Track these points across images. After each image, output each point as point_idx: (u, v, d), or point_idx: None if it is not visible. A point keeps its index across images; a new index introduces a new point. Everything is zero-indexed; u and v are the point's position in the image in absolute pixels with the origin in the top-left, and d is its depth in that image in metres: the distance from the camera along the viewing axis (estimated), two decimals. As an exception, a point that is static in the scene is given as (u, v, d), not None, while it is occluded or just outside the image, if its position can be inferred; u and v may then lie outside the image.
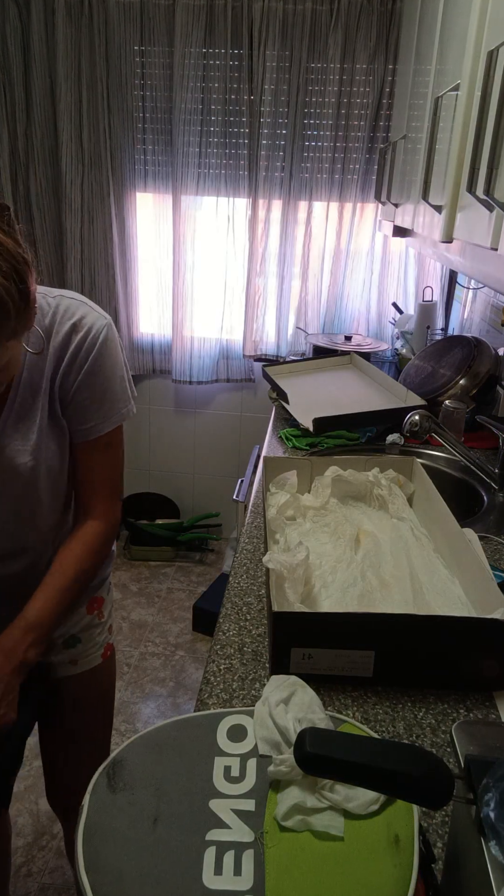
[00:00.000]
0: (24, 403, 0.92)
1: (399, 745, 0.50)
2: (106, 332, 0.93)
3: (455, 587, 1.03)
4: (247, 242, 2.77)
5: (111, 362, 0.95)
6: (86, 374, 0.93)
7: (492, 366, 1.89)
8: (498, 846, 0.45)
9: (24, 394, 0.92)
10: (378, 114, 2.54)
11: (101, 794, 0.59)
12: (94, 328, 0.92)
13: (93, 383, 0.94)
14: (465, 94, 1.14)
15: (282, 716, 0.66)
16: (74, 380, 0.93)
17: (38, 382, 0.92)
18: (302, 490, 1.33)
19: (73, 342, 0.91)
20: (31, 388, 0.92)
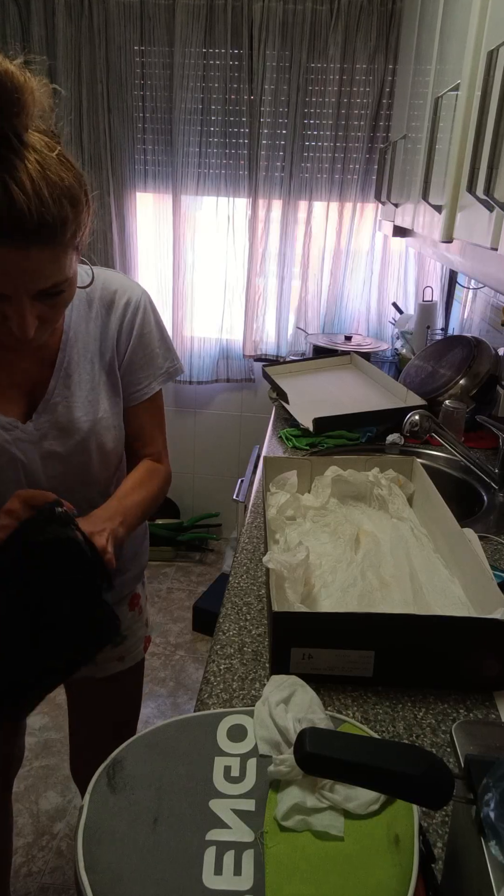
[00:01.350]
0: (73, 363, 0.95)
1: (399, 745, 0.50)
2: (147, 297, 1.02)
3: (455, 587, 1.03)
4: (247, 242, 2.77)
5: (158, 325, 1.04)
6: (137, 336, 1.00)
7: (492, 366, 1.89)
8: (498, 846, 0.45)
9: (73, 354, 0.95)
10: (378, 114, 2.54)
11: (101, 794, 0.59)
12: (136, 294, 1.00)
13: (145, 345, 1.01)
14: (465, 94, 1.14)
15: (282, 716, 0.66)
16: (127, 342, 0.99)
17: (88, 343, 0.96)
18: (302, 490, 1.33)
19: (120, 306, 0.98)
20: (80, 348, 0.96)
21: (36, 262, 0.74)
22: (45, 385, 0.93)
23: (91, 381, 0.96)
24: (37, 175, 0.70)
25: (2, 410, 0.90)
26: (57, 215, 0.72)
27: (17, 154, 0.70)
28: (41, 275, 0.75)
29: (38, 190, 0.70)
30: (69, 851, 1.74)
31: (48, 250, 0.74)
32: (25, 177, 0.69)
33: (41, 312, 0.80)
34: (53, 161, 0.73)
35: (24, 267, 0.73)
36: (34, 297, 0.78)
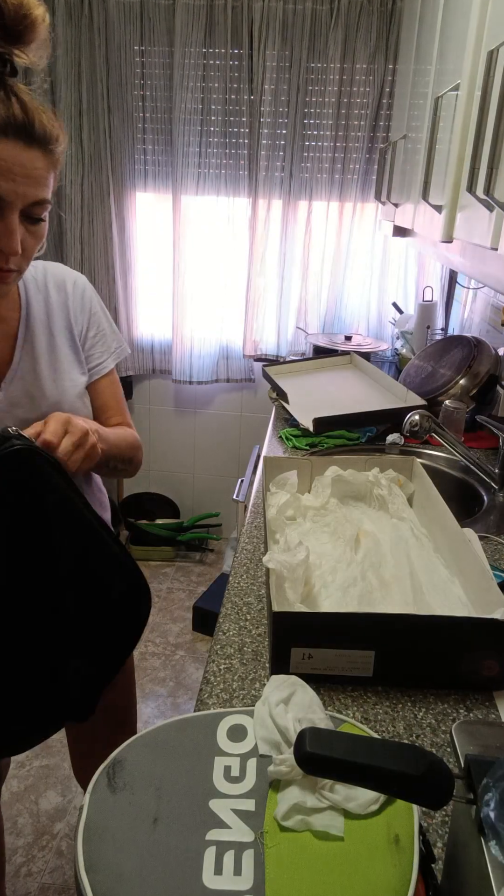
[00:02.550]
0: (35, 336, 1.01)
1: (399, 745, 0.50)
2: (89, 282, 1.11)
3: (455, 587, 1.03)
4: (247, 242, 2.77)
5: (102, 307, 1.12)
6: (89, 314, 1.08)
7: (492, 366, 1.89)
8: (498, 846, 0.45)
9: (34, 327, 1.01)
10: (378, 114, 2.54)
11: (101, 794, 0.59)
12: (81, 278, 1.09)
13: (96, 322, 1.09)
14: (465, 94, 1.14)
15: (282, 716, 0.66)
16: (83, 320, 1.07)
17: (46, 319, 1.03)
18: (302, 490, 1.33)
19: (69, 288, 1.06)
20: (39, 323, 1.02)
21: (34, 163, 0.83)
22: (7, 360, 0.98)
23: (53, 353, 1.02)
24: (35, 100, 0.83)
25: None
26: (52, 129, 0.84)
27: (19, 85, 0.82)
28: (36, 179, 0.84)
29: (38, 106, 0.83)
30: (69, 851, 1.74)
31: (44, 158, 0.84)
32: (27, 95, 0.82)
33: (22, 238, 0.86)
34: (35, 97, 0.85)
35: (25, 165, 0.82)
36: (22, 215, 0.85)
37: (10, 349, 0.98)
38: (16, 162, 0.81)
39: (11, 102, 0.80)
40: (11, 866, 1.70)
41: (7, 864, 1.70)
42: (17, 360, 0.98)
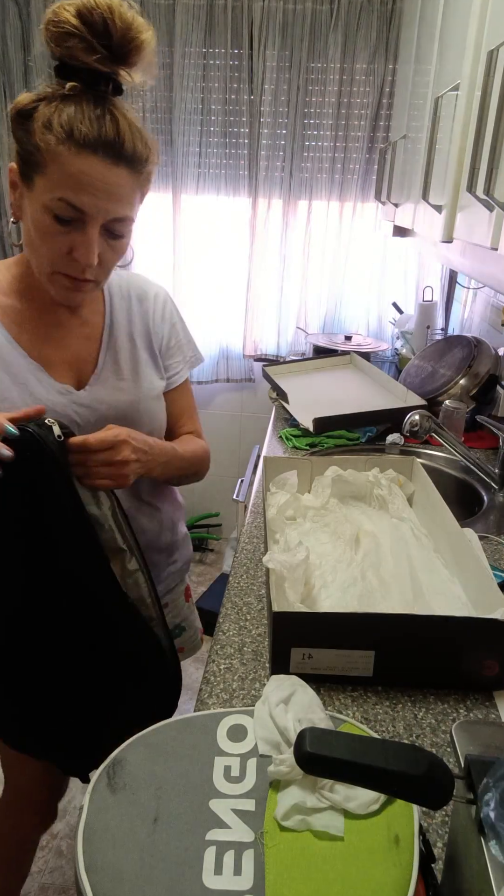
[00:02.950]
0: (118, 342, 1.04)
1: (399, 745, 0.50)
2: (169, 294, 1.14)
3: (455, 587, 1.03)
4: (247, 242, 2.77)
5: (181, 318, 1.16)
6: (169, 325, 1.11)
7: (492, 366, 1.89)
8: (498, 846, 0.45)
9: (117, 333, 1.04)
10: (378, 114, 2.54)
11: (101, 794, 0.59)
12: (162, 290, 1.13)
13: (175, 334, 1.13)
14: (465, 94, 1.14)
15: (282, 716, 0.66)
16: (163, 331, 1.10)
17: (128, 327, 1.06)
18: (302, 490, 1.33)
19: (150, 299, 1.09)
20: (122, 330, 1.05)
21: (118, 181, 0.85)
22: (92, 361, 1.01)
23: (135, 359, 1.05)
24: (132, 118, 0.86)
25: (56, 378, 0.97)
26: (143, 150, 0.86)
27: (118, 102, 0.85)
28: (119, 197, 0.86)
29: (132, 125, 0.85)
30: (69, 851, 1.74)
31: (129, 177, 0.86)
32: (123, 115, 0.85)
33: (101, 251, 0.88)
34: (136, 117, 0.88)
35: (110, 183, 0.84)
36: (102, 229, 0.87)
37: (96, 351, 1.02)
38: (100, 178, 0.83)
39: (105, 120, 0.82)
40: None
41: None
42: (101, 362, 1.01)
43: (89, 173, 0.82)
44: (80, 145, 0.81)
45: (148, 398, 1.06)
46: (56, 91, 0.83)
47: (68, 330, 0.99)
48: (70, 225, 0.85)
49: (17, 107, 0.85)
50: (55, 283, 0.91)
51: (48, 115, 0.82)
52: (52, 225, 0.85)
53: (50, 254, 0.88)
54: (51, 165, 0.82)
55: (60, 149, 0.81)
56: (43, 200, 0.84)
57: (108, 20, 0.80)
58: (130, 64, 0.84)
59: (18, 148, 0.86)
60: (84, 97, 0.83)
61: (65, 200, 0.83)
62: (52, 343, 0.98)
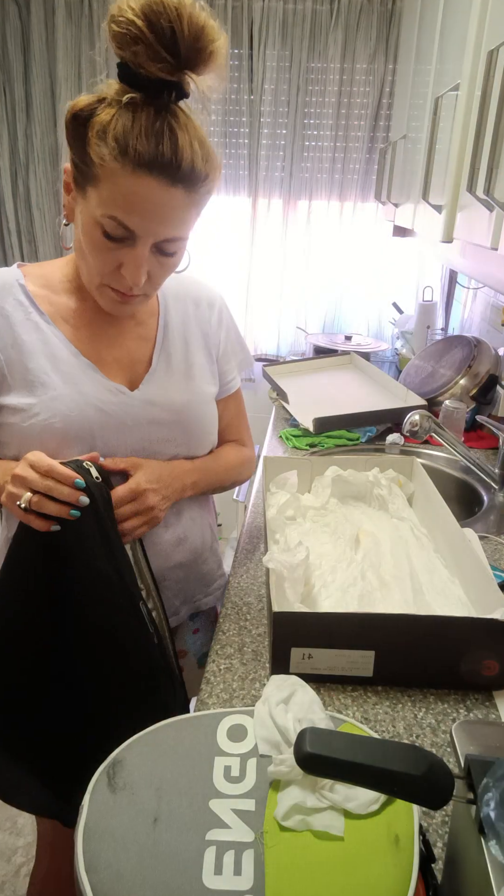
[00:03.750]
0: (171, 344, 1.01)
1: (399, 745, 0.50)
2: (224, 299, 1.11)
3: (455, 587, 1.03)
4: (247, 242, 2.77)
5: (234, 323, 1.12)
6: (225, 331, 1.09)
7: (492, 366, 1.89)
8: (498, 846, 0.45)
9: (171, 335, 1.02)
10: (378, 114, 2.54)
11: (101, 794, 0.59)
12: (217, 294, 1.10)
13: (230, 342, 1.10)
14: (465, 94, 1.14)
15: (282, 716, 0.66)
16: (218, 336, 1.07)
17: (182, 329, 1.03)
18: (302, 490, 1.33)
19: (205, 304, 1.06)
20: (176, 332, 1.02)
21: (172, 203, 0.80)
22: (146, 362, 0.99)
23: (189, 362, 1.03)
24: (193, 131, 0.80)
25: (109, 378, 0.94)
26: (202, 167, 0.80)
27: (181, 110, 0.79)
28: (172, 219, 0.82)
29: (192, 142, 0.79)
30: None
31: (185, 197, 0.81)
32: (185, 128, 0.79)
33: (151, 268, 0.86)
34: (204, 133, 0.82)
35: (163, 205, 0.80)
36: (153, 247, 0.84)
37: (150, 352, 0.99)
38: (152, 200, 0.79)
39: (164, 136, 0.77)
40: (11, 866, 1.70)
41: (7, 864, 1.70)
42: (155, 363, 0.99)
43: (142, 194, 0.78)
44: (135, 164, 0.76)
45: (201, 402, 1.03)
46: (116, 96, 0.78)
47: (122, 329, 0.98)
48: (120, 242, 0.82)
49: (74, 110, 0.81)
50: (103, 295, 0.89)
51: (104, 125, 0.77)
52: (101, 240, 0.82)
53: (99, 266, 0.85)
54: (103, 181, 0.79)
55: (114, 165, 0.77)
56: (94, 214, 0.81)
57: (176, 25, 0.72)
58: (200, 71, 0.78)
59: (72, 154, 0.82)
60: (144, 107, 0.77)
61: (115, 219, 0.80)
62: (105, 342, 0.96)
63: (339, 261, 2.75)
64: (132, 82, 0.77)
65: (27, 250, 2.85)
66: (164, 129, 0.77)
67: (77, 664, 0.86)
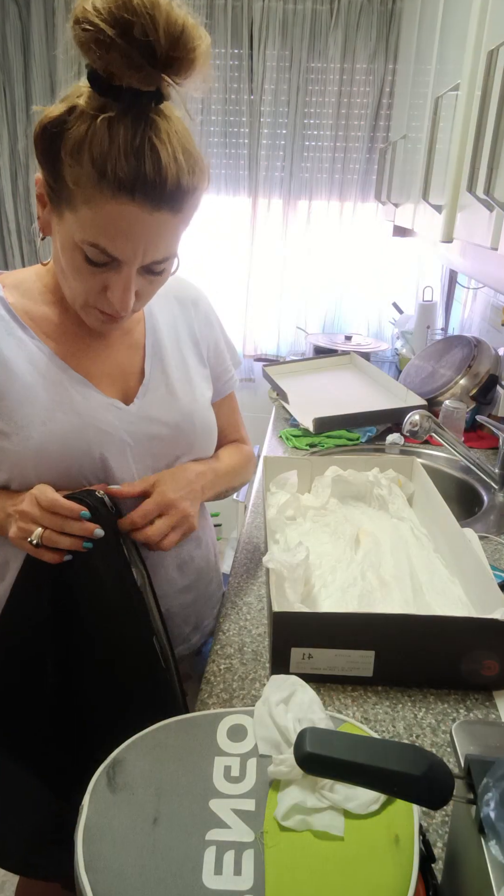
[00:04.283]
0: (163, 348, 0.96)
1: (399, 745, 0.50)
2: (208, 299, 1.06)
3: (455, 587, 1.03)
4: (247, 242, 2.77)
5: (220, 321, 1.08)
6: (214, 333, 1.05)
7: (492, 366, 1.89)
8: (498, 846, 0.45)
9: (161, 339, 0.97)
10: (378, 114, 2.54)
11: (101, 794, 0.59)
12: (203, 297, 1.05)
13: (218, 341, 1.06)
14: (465, 94, 1.14)
15: (282, 716, 0.66)
16: (208, 337, 1.03)
17: (171, 331, 0.99)
18: (302, 490, 1.33)
19: (192, 306, 1.02)
20: (166, 335, 0.98)
21: (159, 227, 0.74)
22: (137, 372, 0.93)
23: (183, 366, 0.98)
24: (176, 141, 0.72)
25: (102, 390, 0.89)
26: (189, 182, 0.73)
27: (162, 116, 0.71)
28: (160, 243, 0.76)
29: (176, 154, 0.71)
30: (69, 851, 1.74)
31: (172, 217, 0.75)
32: (167, 139, 0.71)
33: (139, 287, 0.80)
34: (188, 133, 0.75)
35: (149, 230, 0.74)
36: (140, 269, 0.78)
37: (140, 361, 0.94)
38: (137, 225, 0.73)
39: (144, 153, 0.69)
40: (11, 866, 1.70)
41: (7, 864, 1.70)
42: (148, 373, 0.93)
43: (125, 220, 0.72)
44: (115, 189, 0.69)
45: (203, 409, 0.98)
46: (88, 106, 0.70)
47: (110, 341, 0.91)
48: (104, 266, 0.76)
49: (43, 122, 0.72)
50: (88, 315, 0.84)
51: (77, 142, 0.69)
52: (83, 264, 0.76)
53: (82, 289, 0.80)
54: (81, 205, 0.72)
55: (91, 190, 0.70)
56: (73, 238, 0.74)
57: (150, 31, 0.64)
58: (180, 78, 0.69)
59: (44, 172, 0.75)
60: (120, 120, 0.69)
61: (97, 246, 0.74)
62: (92, 356, 0.89)
63: (339, 261, 2.75)
64: (104, 90, 0.69)
65: (27, 250, 2.85)
66: (145, 145, 0.69)
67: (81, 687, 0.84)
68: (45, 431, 0.83)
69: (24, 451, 0.83)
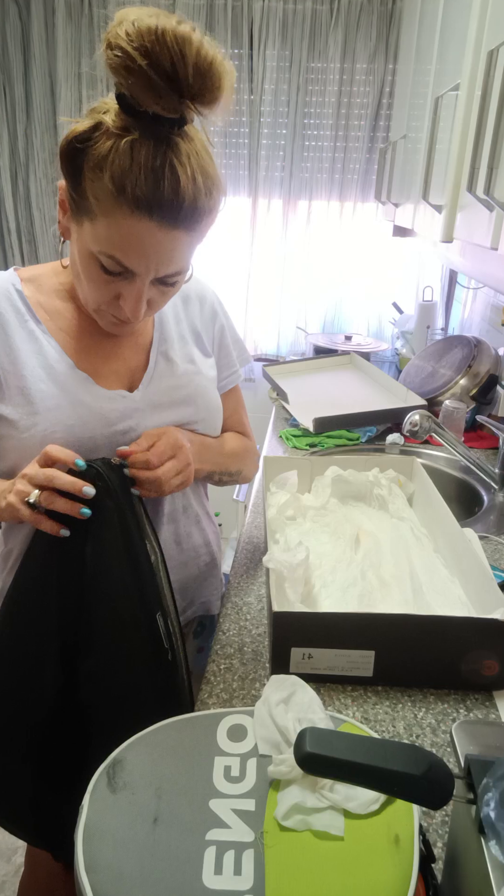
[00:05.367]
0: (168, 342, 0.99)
1: (399, 745, 0.50)
2: (217, 294, 1.08)
3: (455, 587, 1.03)
4: (247, 242, 2.77)
5: (228, 317, 1.09)
6: (221, 323, 1.06)
7: (492, 366, 1.89)
8: (498, 846, 0.45)
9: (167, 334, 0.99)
10: (378, 114, 2.54)
11: (101, 794, 0.59)
12: (210, 294, 1.06)
13: (225, 337, 1.07)
14: (465, 94, 1.14)
15: (282, 716, 0.66)
16: (212, 332, 1.05)
17: (177, 327, 1.00)
18: (302, 490, 1.33)
19: (198, 304, 1.03)
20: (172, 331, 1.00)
21: (174, 244, 0.77)
22: (143, 366, 0.96)
23: (189, 357, 1.00)
24: (196, 163, 0.75)
25: (106, 388, 0.91)
26: (205, 203, 0.76)
27: (184, 138, 0.74)
28: (173, 259, 0.79)
29: (195, 176, 0.74)
30: (69, 851, 1.74)
31: (187, 236, 0.77)
32: (187, 161, 0.73)
33: (151, 297, 0.83)
34: (207, 154, 0.77)
35: (164, 247, 0.76)
36: (153, 281, 0.81)
37: (146, 355, 0.96)
38: (152, 242, 0.75)
39: (163, 175, 0.72)
40: (11, 866, 1.70)
41: (7, 864, 1.70)
42: (152, 364, 0.96)
43: (141, 236, 0.74)
44: (133, 206, 0.72)
45: (208, 391, 1.00)
46: (113, 125, 0.72)
47: (119, 340, 0.94)
48: (118, 276, 0.79)
49: (69, 138, 0.75)
50: (101, 317, 0.87)
51: (99, 159, 0.72)
52: (98, 273, 0.79)
53: (95, 296, 0.83)
54: (99, 217, 0.75)
55: (110, 205, 0.73)
56: (90, 247, 0.78)
57: (179, 65, 0.66)
58: (204, 109, 0.73)
59: (67, 183, 0.78)
60: (143, 142, 0.71)
61: (113, 258, 0.77)
62: (102, 355, 0.93)
63: (339, 261, 2.75)
64: (131, 112, 0.72)
65: (27, 250, 2.85)
66: (165, 167, 0.72)
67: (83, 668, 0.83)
68: (50, 419, 0.85)
69: (30, 439, 0.85)
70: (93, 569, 0.81)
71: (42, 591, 0.82)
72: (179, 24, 0.67)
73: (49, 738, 0.84)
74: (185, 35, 0.66)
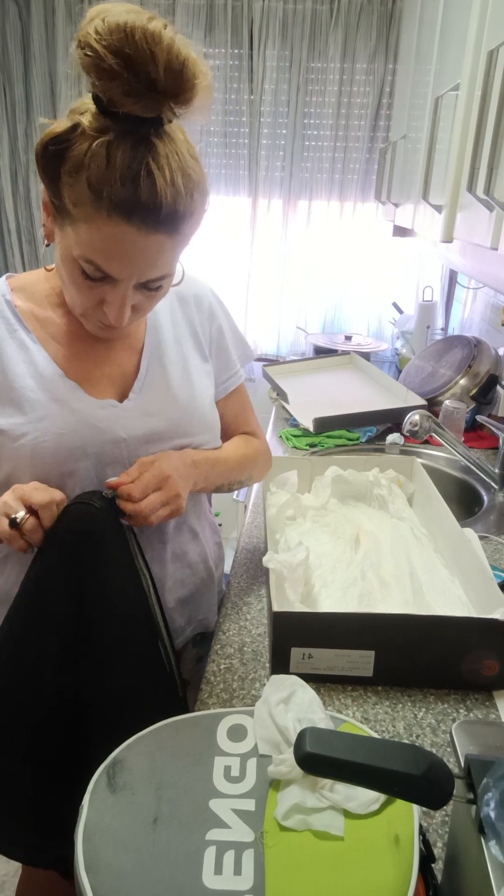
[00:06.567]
0: (161, 345, 0.96)
1: (399, 745, 0.50)
2: (214, 292, 1.05)
3: (455, 587, 1.03)
4: (247, 242, 2.77)
5: (228, 315, 1.07)
6: (220, 323, 1.04)
7: (492, 366, 1.89)
8: (498, 846, 0.45)
9: (161, 337, 0.97)
10: (378, 114, 2.54)
11: (101, 794, 0.59)
12: (206, 293, 1.03)
13: (223, 336, 1.05)
14: (465, 94, 1.14)
15: (282, 716, 0.66)
16: (209, 333, 1.02)
17: (172, 330, 0.99)
18: (302, 490, 1.33)
19: (194, 302, 1.01)
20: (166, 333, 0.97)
21: (156, 249, 0.76)
22: (135, 372, 0.94)
23: (183, 363, 0.98)
24: (175, 164, 0.72)
25: (96, 396, 0.90)
26: (187, 207, 0.75)
27: (163, 139, 0.72)
28: (155, 263, 0.77)
29: (175, 179, 0.72)
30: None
31: (169, 240, 0.76)
32: (166, 163, 0.71)
33: (136, 302, 0.82)
34: (189, 156, 0.75)
35: (145, 252, 0.75)
36: (137, 285, 0.79)
37: (137, 359, 0.94)
38: (132, 247, 0.74)
39: (141, 178, 0.70)
40: (11, 866, 1.70)
41: (7, 864, 1.70)
42: (144, 370, 0.93)
43: (120, 241, 0.73)
44: (110, 210, 0.71)
45: (203, 405, 0.98)
46: (90, 127, 0.71)
47: (111, 344, 0.93)
48: (100, 281, 0.78)
49: (45, 140, 0.73)
50: (88, 322, 0.86)
51: (76, 163, 0.71)
52: (80, 278, 0.78)
53: (80, 301, 0.82)
54: (78, 222, 0.73)
55: (88, 210, 0.72)
56: (71, 251, 0.76)
57: (149, 63, 0.64)
58: (181, 108, 0.71)
59: (45, 184, 0.76)
60: (119, 144, 0.70)
61: (93, 263, 0.75)
62: (93, 360, 0.91)
63: (339, 261, 2.75)
64: (107, 113, 0.70)
65: (27, 250, 2.85)
66: (142, 170, 0.70)
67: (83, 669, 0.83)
68: (40, 429, 0.85)
69: (20, 448, 0.85)
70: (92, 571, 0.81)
71: (42, 592, 0.82)
72: (150, 21, 0.64)
73: (49, 738, 0.83)
74: (156, 33, 0.64)
